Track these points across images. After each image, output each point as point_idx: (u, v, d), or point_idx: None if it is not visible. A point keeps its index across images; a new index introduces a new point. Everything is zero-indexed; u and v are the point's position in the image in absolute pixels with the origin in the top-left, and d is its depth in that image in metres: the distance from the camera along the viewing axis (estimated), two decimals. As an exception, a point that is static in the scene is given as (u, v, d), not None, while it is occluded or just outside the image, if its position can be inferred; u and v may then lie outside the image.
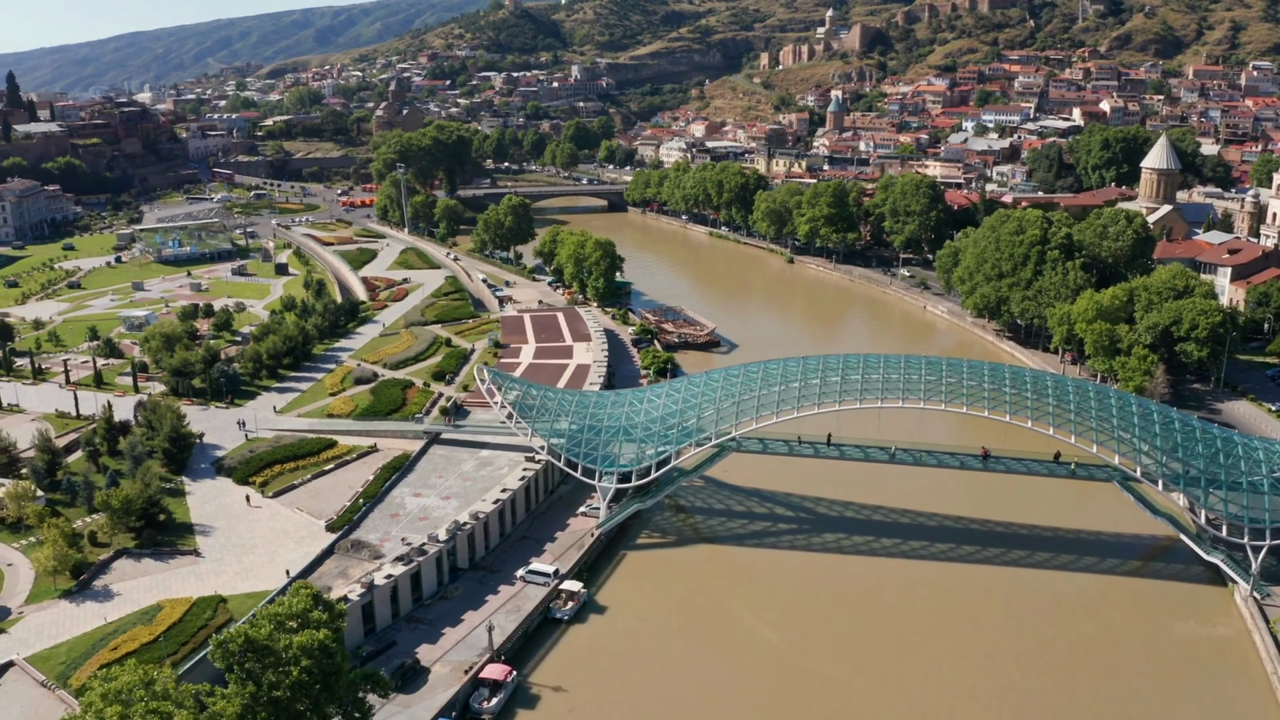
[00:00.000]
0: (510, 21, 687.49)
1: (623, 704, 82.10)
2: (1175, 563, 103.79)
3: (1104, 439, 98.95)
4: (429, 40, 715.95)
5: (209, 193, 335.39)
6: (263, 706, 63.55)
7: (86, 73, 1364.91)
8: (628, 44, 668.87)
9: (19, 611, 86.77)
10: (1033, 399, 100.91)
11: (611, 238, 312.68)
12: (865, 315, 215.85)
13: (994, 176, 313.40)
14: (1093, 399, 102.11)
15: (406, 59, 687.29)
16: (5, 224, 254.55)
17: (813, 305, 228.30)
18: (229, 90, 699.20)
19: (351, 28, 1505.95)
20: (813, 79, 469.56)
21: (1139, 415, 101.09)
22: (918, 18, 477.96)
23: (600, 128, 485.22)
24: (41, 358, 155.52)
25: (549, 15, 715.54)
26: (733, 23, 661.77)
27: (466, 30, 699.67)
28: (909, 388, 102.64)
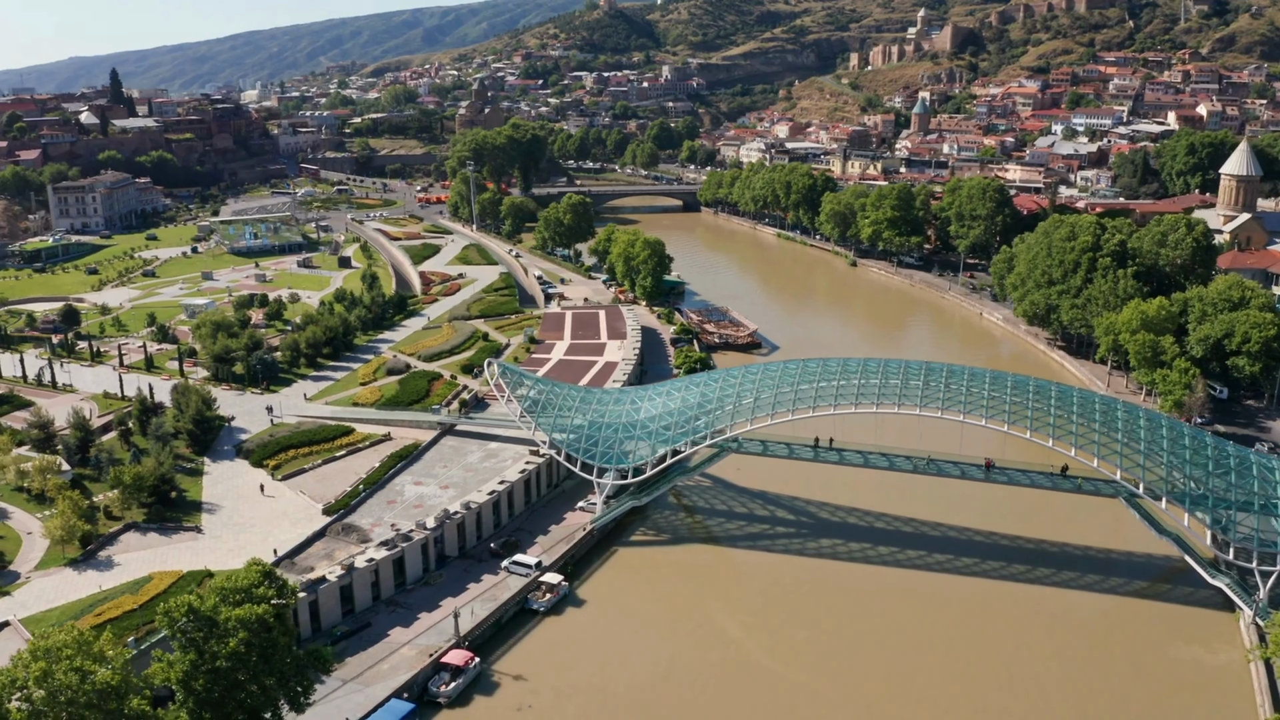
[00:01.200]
0: (604, 22, 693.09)
1: (579, 696, 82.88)
2: (1185, 585, 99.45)
3: (1106, 453, 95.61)
4: (525, 40, 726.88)
5: (293, 187, 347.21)
6: (202, 674, 66.42)
7: (204, 70, 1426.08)
8: (721, 44, 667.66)
9: (26, 576, 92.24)
10: (1034, 409, 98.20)
11: (681, 237, 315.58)
12: (918, 321, 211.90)
13: (1077, 181, 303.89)
14: (1097, 411, 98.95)
15: (502, 59, 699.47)
16: (96, 214, 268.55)
17: (866, 310, 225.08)
18: (331, 88, 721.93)
19: (458, 27, 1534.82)
20: (901, 80, 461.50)
21: (1146, 429, 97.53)
22: (1012, 18, 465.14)
23: (685, 128, 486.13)
24: (103, 342, 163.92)
25: (643, 15, 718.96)
26: (828, 23, 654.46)
27: (561, 30, 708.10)
28: (906, 393, 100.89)
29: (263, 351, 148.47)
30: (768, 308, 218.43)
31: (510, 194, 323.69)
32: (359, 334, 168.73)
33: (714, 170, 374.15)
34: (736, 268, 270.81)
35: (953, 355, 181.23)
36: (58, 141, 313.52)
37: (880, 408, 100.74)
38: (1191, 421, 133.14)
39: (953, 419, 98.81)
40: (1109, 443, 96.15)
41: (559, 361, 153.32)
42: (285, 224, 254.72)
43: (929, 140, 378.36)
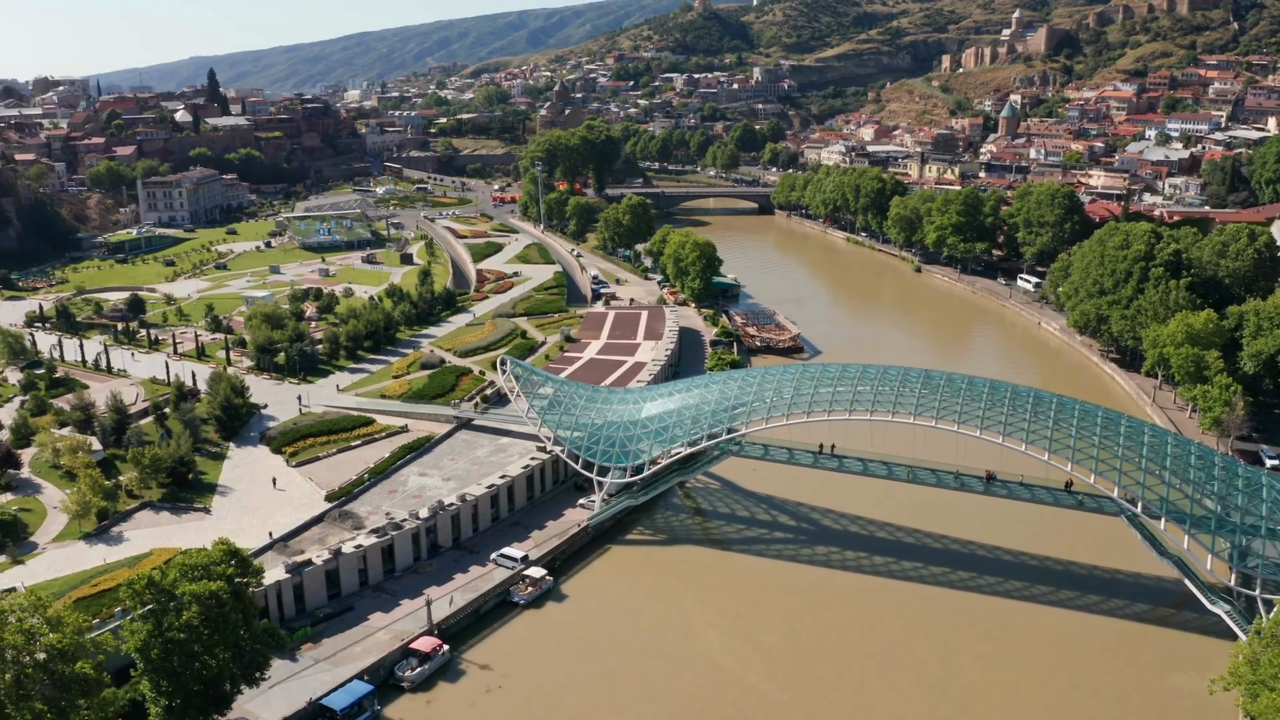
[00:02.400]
0: (698, 23, 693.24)
1: (541, 688, 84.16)
2: (1191, 611, 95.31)
3: (1105, 469, 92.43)
4: (620, 42, 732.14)
5: (373, 185, 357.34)
6: (158, 644, 69.81)
7: (316, 70, 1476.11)
8: (815, 46, 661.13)
9: (43, 547, 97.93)
10: (1033, 421, 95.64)
11: (750, 240, 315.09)
12: (973, 329, 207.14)
13: (1164, 189, 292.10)
14: (1098, 425, 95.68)
15: (595, 60, 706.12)
16: (182, 208, 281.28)
17: (922, 317, 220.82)
18: (431, 89, 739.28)
19: (562, 29, 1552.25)
20: (993, 83, 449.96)
21: (1150, 445, 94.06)
22: (1111, 19, 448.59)
23: (770, 130, 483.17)
24: (164, 330, 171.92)
25: (737, 17, 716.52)
26: (925, 24, 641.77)
27: (655, 32, 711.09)
28: (901, 401, 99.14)
29: (304, 343, 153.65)
30: (822, 312, 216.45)
31: (584, 194, 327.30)
32: (403, 329, 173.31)
33: (787, 173, 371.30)
34: (799, 271, 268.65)
35: (999, 365, 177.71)
36: (152, 138, 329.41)
37: (874, 415, 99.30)
38: (1230, 440, 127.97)
39: (947, 429, 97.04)
40: (1108, 458, 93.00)
41: (589, 361, 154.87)
42: (356, 221, 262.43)
43: (1015, 145, 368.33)
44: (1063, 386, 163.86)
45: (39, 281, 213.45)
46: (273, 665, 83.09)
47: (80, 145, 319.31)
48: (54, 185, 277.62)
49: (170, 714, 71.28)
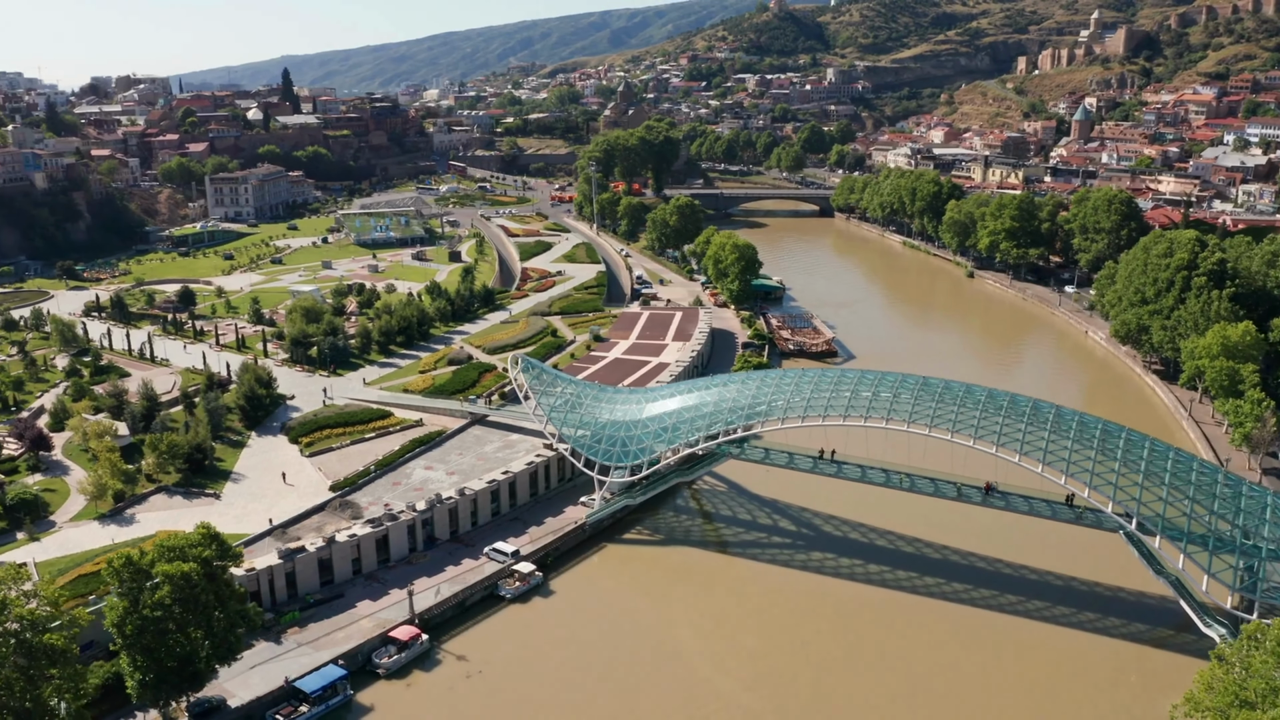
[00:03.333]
0: (773, 24, 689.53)
1: (515, 679, 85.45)
2: (1191, 633, 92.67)
3: (1100, 483, 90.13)
4: (695, 42, 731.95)
5: (435, 184, 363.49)
6: (133, 620, 72.84)
7: (402, 70, 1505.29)
8: (891, 46, 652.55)
9: (59, 526, 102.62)
10: (1028, 431, 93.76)
11: (807, 242, 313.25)
12: (1016, 337, 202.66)
13: (1237, 196, 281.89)
14: (1096, 437, 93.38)
15: (669, 60, 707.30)
16: (247, 204, 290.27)
17: (966, 323, 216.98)
18: (507, 89, 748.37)
19: (644, 29, 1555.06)
20: (1068, 85, 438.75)
21: (1149, 460, 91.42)
22: (1194, 20, 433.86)
23: (839, 132, 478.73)
24: (211, 322, 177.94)
25: (814, 18, 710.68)
26: (1006, 25, 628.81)
27: (730, 33, 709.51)
28: (895, 408, 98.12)
29: (336, 337, 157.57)
30: (866, 316, 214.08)
31: (643, 195, 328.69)
32: (439, 325, 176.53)
33: (847, 175, 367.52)
34: (849, 274, 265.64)
35: (1036, 374, 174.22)
36: (223, 135, 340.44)
37: (869, 421, 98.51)
38: (1260, 457, 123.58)
39: (940, 437, 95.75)
40: (1104, 472, 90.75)
41: (613, 360, 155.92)
42: (410, 218, 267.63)
43: (1087, 149, 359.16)
44: (1101, 398, 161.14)
45: (102, 272, 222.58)
46: (256, 647, 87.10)
47: (155, 141, 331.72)
48: (127, 180, 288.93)
49: (145, 688, 74.32)
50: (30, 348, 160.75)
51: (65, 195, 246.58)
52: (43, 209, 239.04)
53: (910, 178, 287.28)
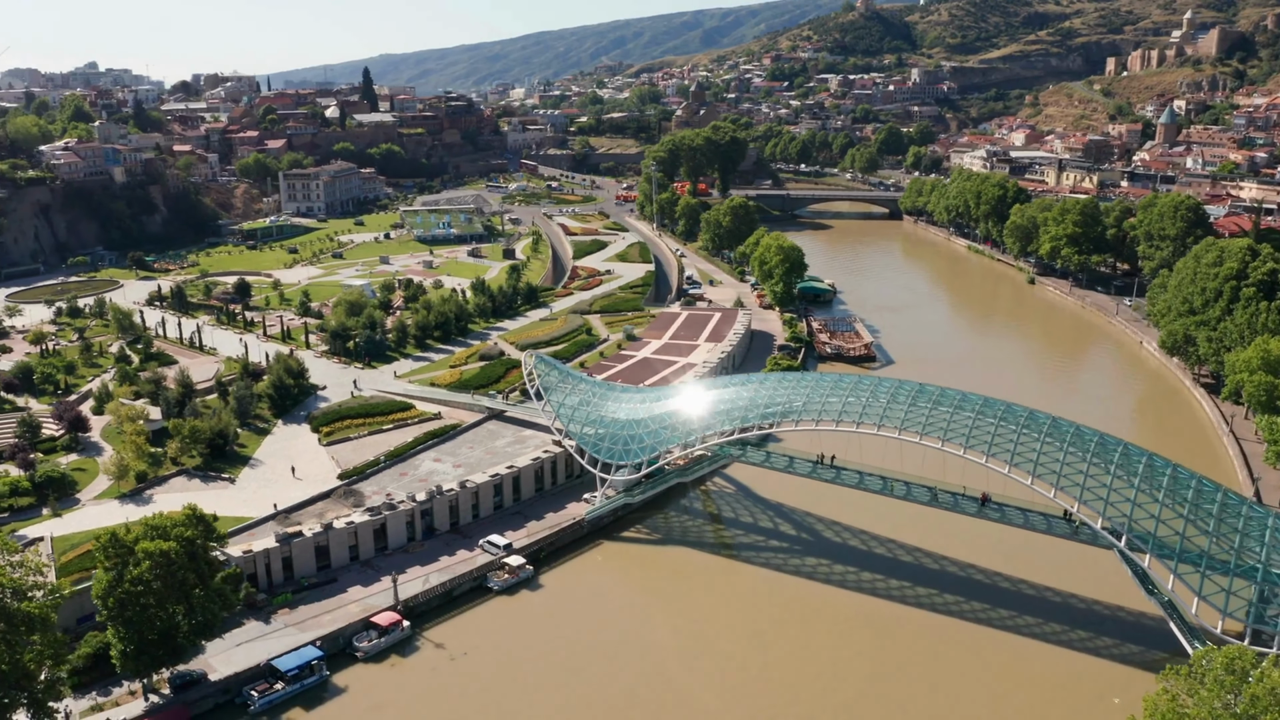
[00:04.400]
0: (859, 23, 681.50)
1: (486, 668, 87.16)
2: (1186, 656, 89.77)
3: (1091, 498, 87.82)
4: (779, 42, 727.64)
5: (505, 182, 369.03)
6: (115, 594, 76.72)
7: (495, 68, 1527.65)
8: (980, 46, 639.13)
9: (83, 504, 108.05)
10: (1021, 441, 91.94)
11: (869, 244, 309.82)
12: (1067, 346, 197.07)
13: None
14: (1091, 450, 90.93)
15: (753, 60, 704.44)
16: (318, 199, 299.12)
17: (1017, 330, 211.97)
18: (591, 88, 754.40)
19: (737, 29, 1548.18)
20: (1157, 87, 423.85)
21: (1143, 475, 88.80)
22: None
23: (918, 133, 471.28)
24: (264, 313, 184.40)
25: (901, 17, 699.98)
26: (1099, 25, 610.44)
27: (815, 32, 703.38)
28: (888, 415, 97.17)
29: (374, 331, 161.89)
30: (917, 321, 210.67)
31: (709, 195, 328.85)
32: (478, 321, 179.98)
33: (916, 177, 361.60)
34: (907, 278, 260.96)
35: (1081, 385, 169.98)
36: (301, 133, 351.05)
37: (860, 428, 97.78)
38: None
39: (931, 445, 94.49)
40: (1095, 486, 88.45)
41: (641, 360, 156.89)
42: (469, 215, 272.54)
43: (1171, 153, 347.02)
44: (1149, 411, 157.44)
45: (171, 264, 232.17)
46: (246, 625, 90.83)
47: (236, 138, 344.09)
48: (205, 175, 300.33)
49: (127, 658, 78.18)
50: (90, 334, 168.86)
51: (142, 189, 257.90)
52: (120, 202, 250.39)
53: (976, 181, 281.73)
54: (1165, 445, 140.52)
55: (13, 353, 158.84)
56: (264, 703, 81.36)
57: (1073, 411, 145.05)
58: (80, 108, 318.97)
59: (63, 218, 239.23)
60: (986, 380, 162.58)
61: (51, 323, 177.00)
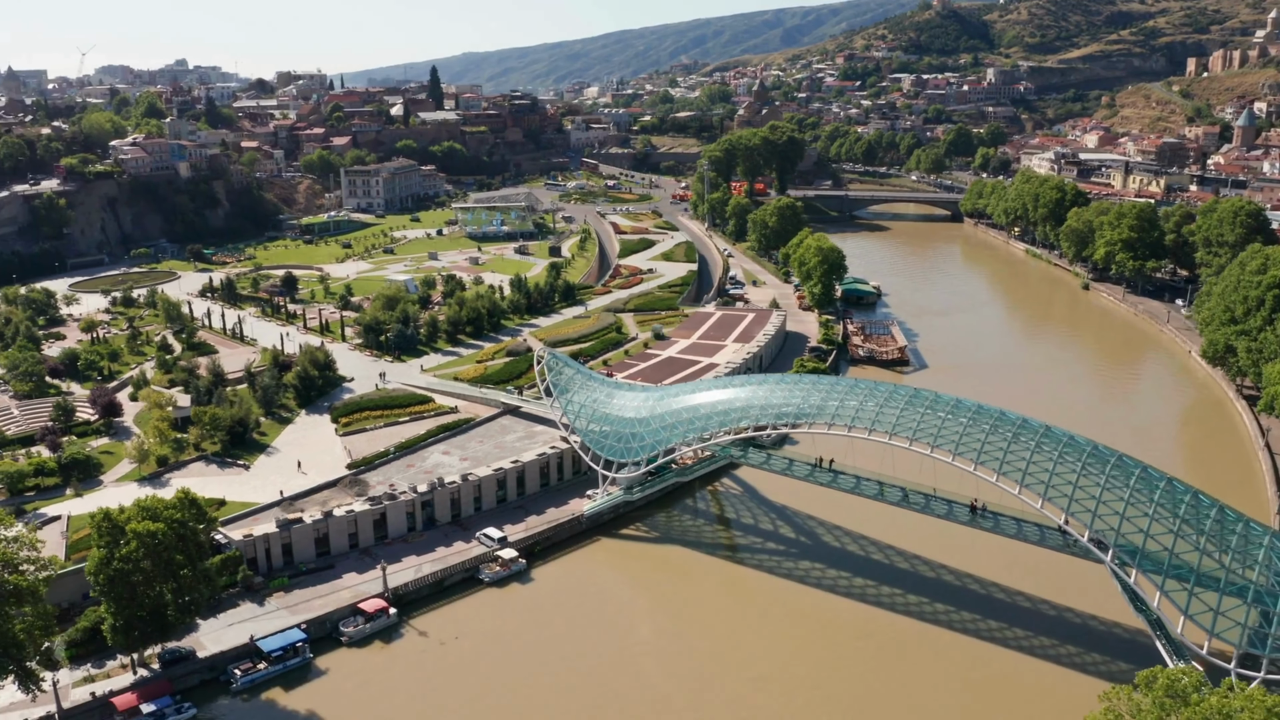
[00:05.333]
0: (935, 22, 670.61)
1: (465, 656, 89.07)
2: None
3: (1078, 509, 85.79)
4: (854, 41, 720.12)
5: (564, 180, 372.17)
6: (105, 571, 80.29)
7: (575, 67, 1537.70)
8: (1060, 46, 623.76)
9: (105, 485, 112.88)
10: (1012, 450, 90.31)
11: (924, 246, 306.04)
12: (1113, 354, 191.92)
13: None
14: (1082, 461, 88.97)
15: (826, 59, 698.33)
16: (378, 195, 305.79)
17: (1064, 336, 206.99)
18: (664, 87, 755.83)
19: (818, 27, 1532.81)
20: (1239, 88, 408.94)
21: (1134, 487, 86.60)
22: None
23: (989, 134, 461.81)
24: (308, 307, 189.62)
25: (979, 16, 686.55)
26: (1185, 24, 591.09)
27: (890, 31, 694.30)
28: (879, 420, 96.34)
29: (405, 326, 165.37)
30: (962, 325, 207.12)
31: (767, 195, 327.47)
32: (513, 317, 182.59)
33: (977, 179, 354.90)
34: (959, 281, 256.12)
35: (1120, 395, 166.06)
36: (365, 130, 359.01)
37: (852, 431, 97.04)
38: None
39: (920, 451, 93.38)
40: (1084, 498, 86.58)
41: (665, 359, 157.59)
42: (520, 213, 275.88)
43: (1247, 157, 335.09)
44: (1190, 422, 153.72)
45: (228, 257, 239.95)
46: (241, 606, 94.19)
47: (302, 134, 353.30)
48: (270, 171, 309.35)
49: (117, 633, 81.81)
50: (140, 324, 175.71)
51: (206, 184, 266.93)
52: (184, 196, 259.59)
53: (1035, 183, 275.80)
54: (1200, 460, 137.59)
55: (66, 340, 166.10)
56: (246, 681, 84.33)
57: (1109, 423, 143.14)
58: (153, 104, 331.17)
59: (129, 210, 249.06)
60: (1021, 388, 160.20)
61: (105, 311, 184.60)
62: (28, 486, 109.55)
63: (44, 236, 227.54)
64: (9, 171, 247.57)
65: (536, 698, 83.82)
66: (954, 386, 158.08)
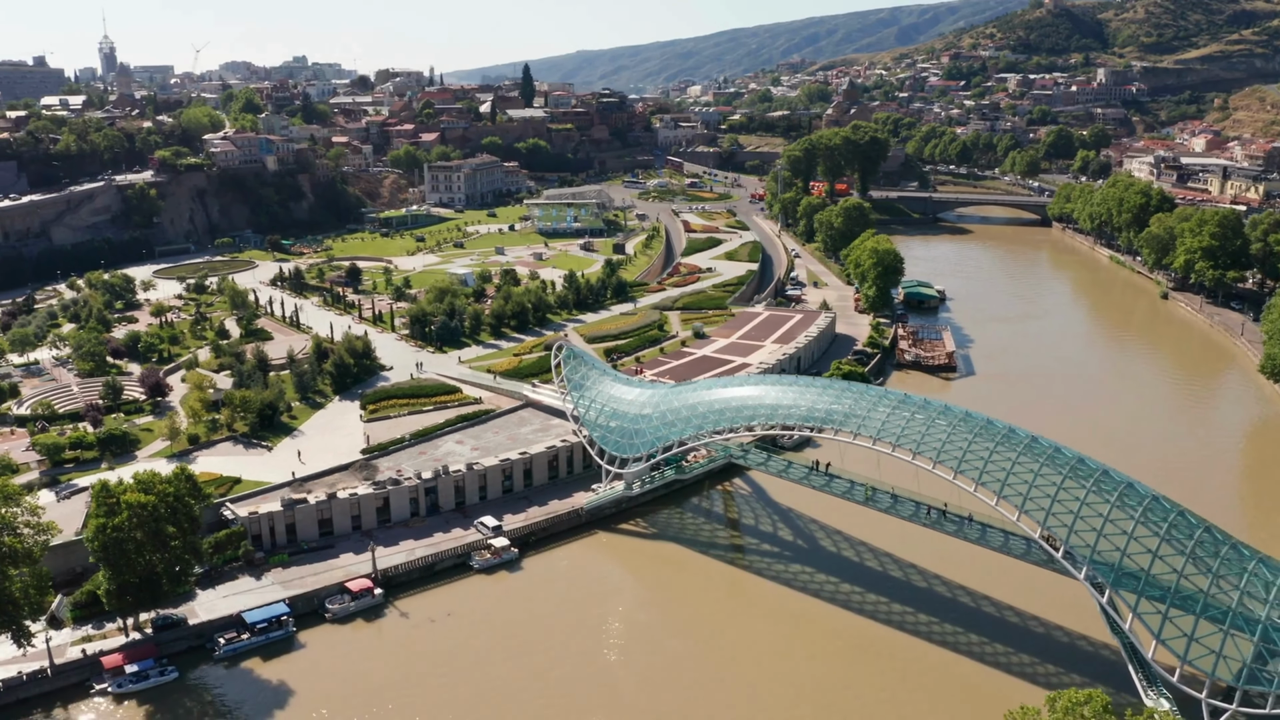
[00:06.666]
0: (1045, 21, 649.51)
1: (444, 638, 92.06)
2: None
3: (1056, 524, 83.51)
4: (962, 40, 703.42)
5: (644, 178, 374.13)
6: (99, 538, 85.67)
7: (687, 65, 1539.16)
8: (1177, 46, 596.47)
9: (138, 460, 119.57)
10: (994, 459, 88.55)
11: (1009, 251, 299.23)
12: (1181, 366, 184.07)
13: None
14: (1064, 473, 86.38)
15: (932, 58, 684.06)
16: (459, 190, 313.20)
17: (1131, 347, 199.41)
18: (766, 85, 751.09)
19: (935, 25, 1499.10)
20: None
21: (1115, 503, 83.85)
22: None
23: (1092, 136, 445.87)
24: (364, 296, 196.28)
25: (1093, 14, 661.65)
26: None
27: (999, 30, 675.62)
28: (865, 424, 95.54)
29: (450, 318, 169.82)
30: (1024, 333, 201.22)
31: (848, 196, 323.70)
32: (560, 312, 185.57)
33: (1065, 183, 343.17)
34: (1033, 287, 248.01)
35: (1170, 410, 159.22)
36: (453, 127, 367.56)
37: (839, 435, 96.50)
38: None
39: (903, 458, 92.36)
40: (1061, 512, 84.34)
41: (698, 358, 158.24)
42: (590, 210, 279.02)
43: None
44: (1253, 441, 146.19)
45: (305, 248, 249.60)
46: (239, 580, 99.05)
47: (393, 130, 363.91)
48: (358, 165, 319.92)
49: (111, 597, 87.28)
50: (209, 309, 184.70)
51: (292, 177, 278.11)
52: (269, 188, 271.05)
53: (1119, 187, 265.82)
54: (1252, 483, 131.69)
55: (137, 323, 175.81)
56: (228, 650, 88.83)
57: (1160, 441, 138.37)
58: (251, 100, 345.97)
59: (216, 202, 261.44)
60: (1061, 400, 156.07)
61: (178, 297, 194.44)
62: (66, 458, 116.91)
63: (135, 225, 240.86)
64: (108, 162, 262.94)
65: (501, 680, 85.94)
66: (994, 393, 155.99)
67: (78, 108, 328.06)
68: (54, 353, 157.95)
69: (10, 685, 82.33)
